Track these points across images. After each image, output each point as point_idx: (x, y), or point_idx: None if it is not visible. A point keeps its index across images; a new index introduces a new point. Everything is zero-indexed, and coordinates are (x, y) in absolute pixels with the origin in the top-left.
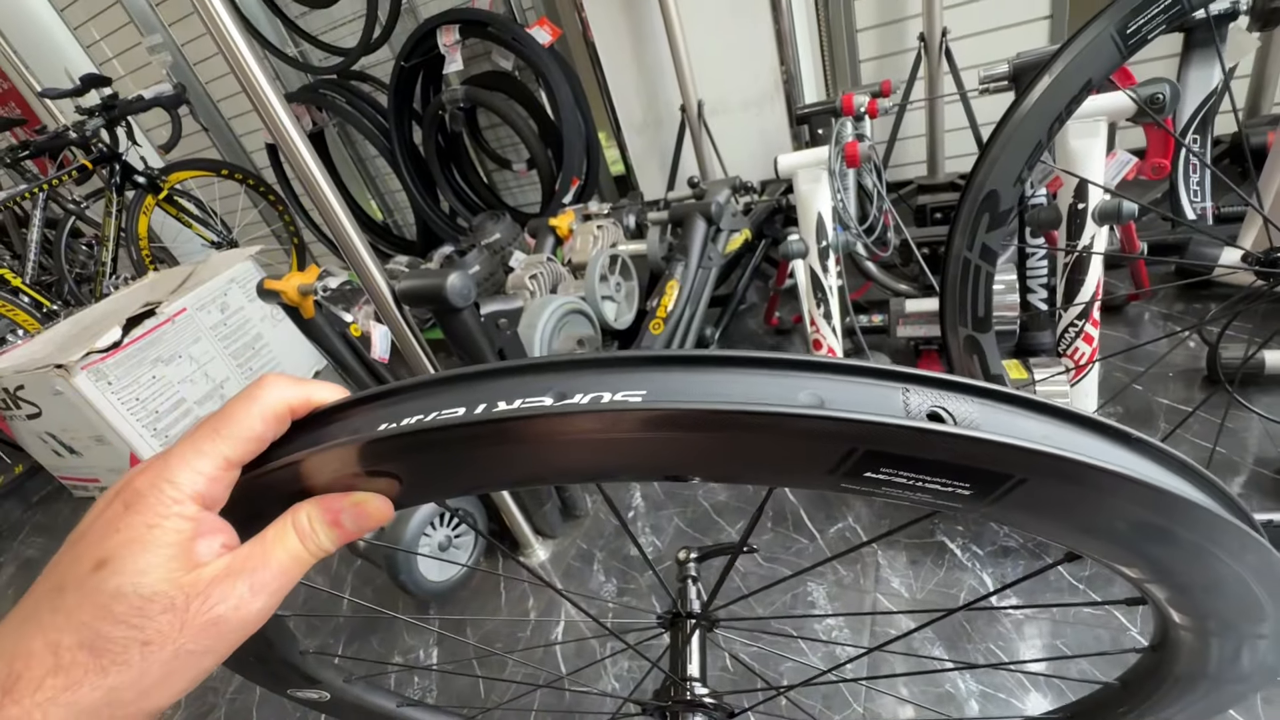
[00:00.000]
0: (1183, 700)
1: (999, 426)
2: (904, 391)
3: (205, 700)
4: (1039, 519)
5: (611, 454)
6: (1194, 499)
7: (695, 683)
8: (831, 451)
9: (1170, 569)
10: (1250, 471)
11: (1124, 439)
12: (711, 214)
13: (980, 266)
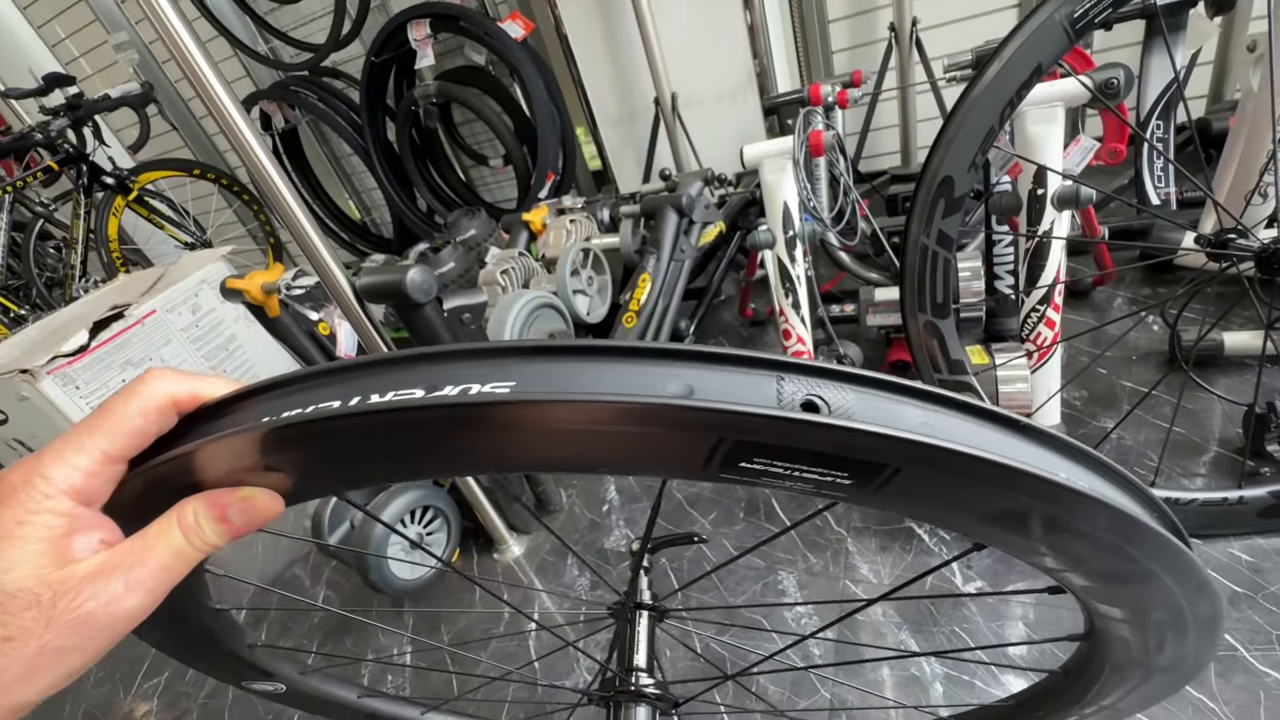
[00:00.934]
0: (1121, 688)
1: (876, 415)
2: (778, 380)
3: (178, 705)
4: (927, 507)
5: (481, 446)
6: (1083, 488)
7: (641, 673)
8: (701, 442)
9: (1075, 558)
10: (1211, 452)
11: (1013, 427)
12: (683, 206)
13: (938, 253)
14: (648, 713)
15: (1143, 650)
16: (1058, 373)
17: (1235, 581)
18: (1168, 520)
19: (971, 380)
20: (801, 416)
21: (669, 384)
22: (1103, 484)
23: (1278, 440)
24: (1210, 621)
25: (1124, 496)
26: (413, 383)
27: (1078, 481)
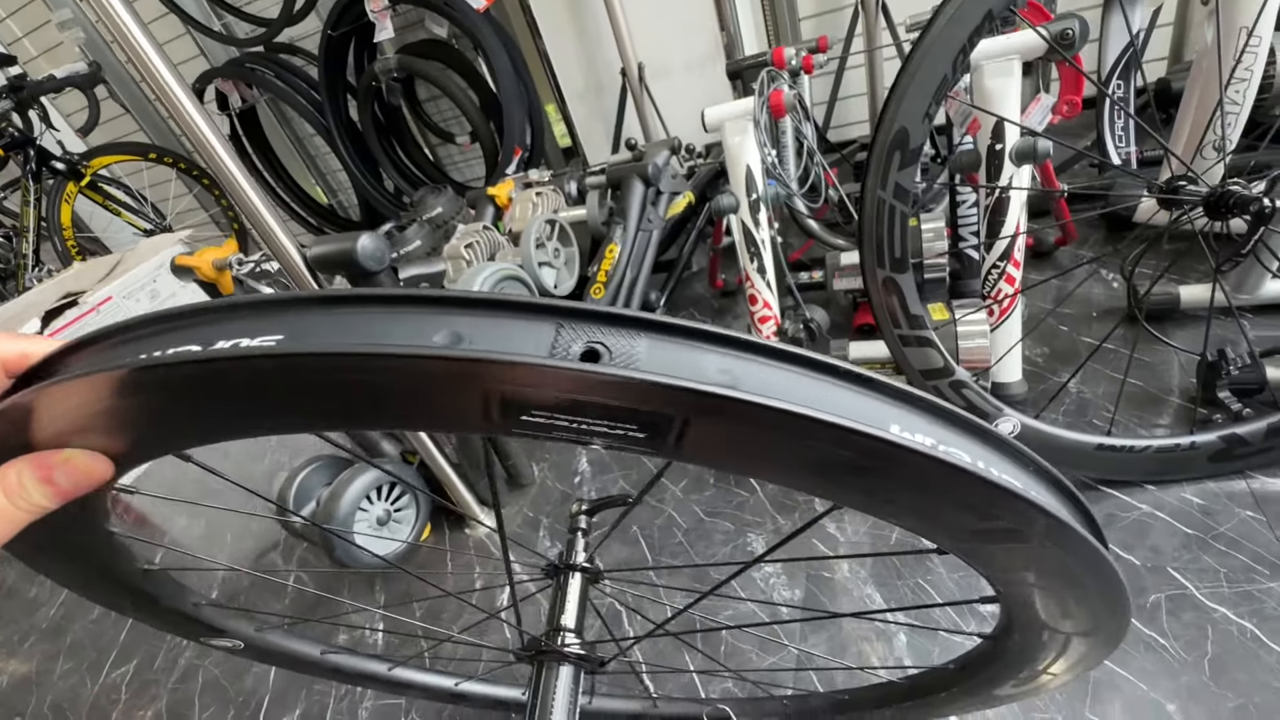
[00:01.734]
0: (1044, 652)
1: (663, 364)
2: (557, 327)
3: (147, 692)
4: (741, 460)
5: (262, 402)
6: (899, 438)
7: (568, 633)
8: (470, 394)
9: (921, 513)
10: (1166, 402)
11: (835, 374)
12: (649, 175)
13: (894, 206)
14: (571, 672)
15: (1048, 611)
16: (1018, 329)
17: (1187, 525)
18: (1032, 465)
19: (931, 335)
20: (565, 365)
21: (438, 333)
22: (952, 434)
23: (1229, 387)
24: (1100, 574)
25: (976, 444)
26: (193, 339)
27: (908, 433)
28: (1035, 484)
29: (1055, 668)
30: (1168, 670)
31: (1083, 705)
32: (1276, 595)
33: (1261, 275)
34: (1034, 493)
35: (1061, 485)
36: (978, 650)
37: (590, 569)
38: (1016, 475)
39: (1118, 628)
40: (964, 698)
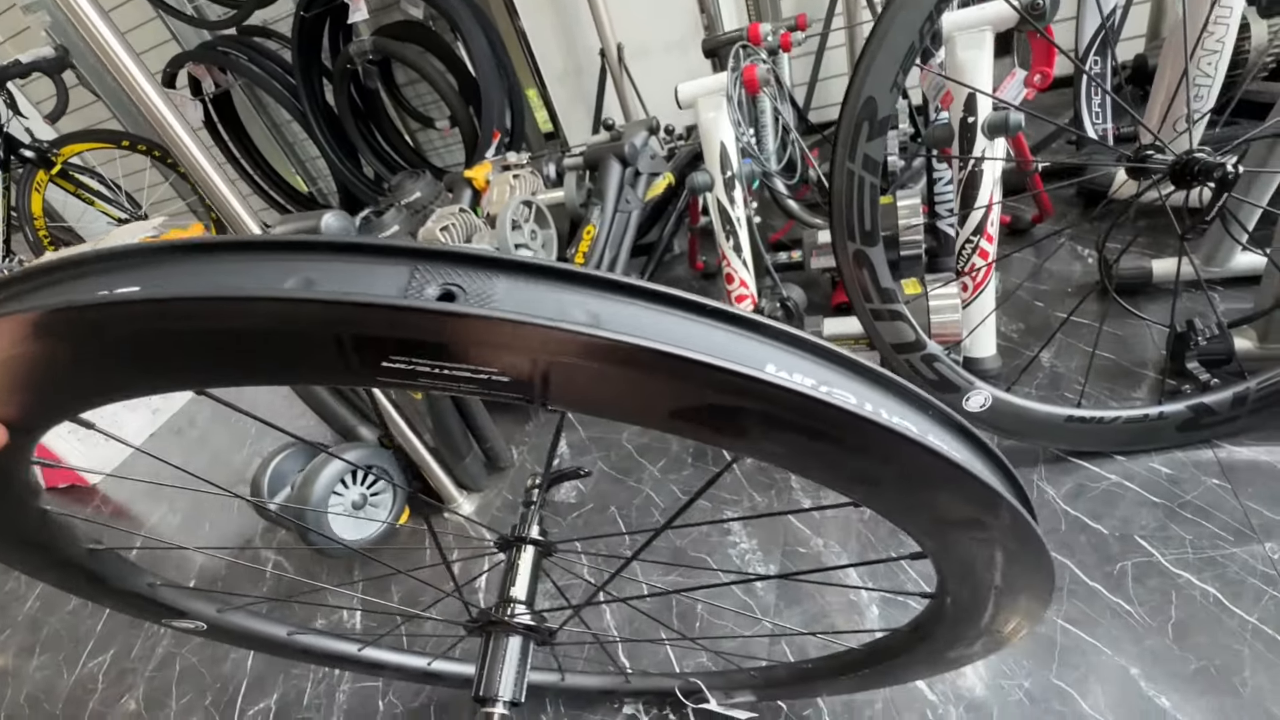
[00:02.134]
0: (982, 608)
1: (521, 304)
2: (413, 269)
3: (124, 681)
4: (615, 405)
5: (132, 355)
6: (770, 376)
7: (518, 605)
8: (323, 338)
9: (815, 462)
10: (1139, 374)
11: (707, 313)
12: (626, 155)
13: (864, 178)
14: (520, 643)
15: (973, 565)
16: (992, 304)
17: (1155, 494)
18: (932, 410)
19: (902, 309)
20: (414, 305)
21: (289, 278)
22: (839, 376)
23: (1198, 358)
24: (1016, 525)
25: (867, 387)
26: (54, 295)
27: (785, 373)
28: (936, 429)
29: (998, 625)
30: (1132, 635)
31: (1048, 671)
32: (1240, 561)
33: (1231, 248)
34: (932, 437)
35: (968, 433)
36: (925, 612)
37: (542, 542)
38: (914, 420)
39: (1043, 580)
40: (921, 662)
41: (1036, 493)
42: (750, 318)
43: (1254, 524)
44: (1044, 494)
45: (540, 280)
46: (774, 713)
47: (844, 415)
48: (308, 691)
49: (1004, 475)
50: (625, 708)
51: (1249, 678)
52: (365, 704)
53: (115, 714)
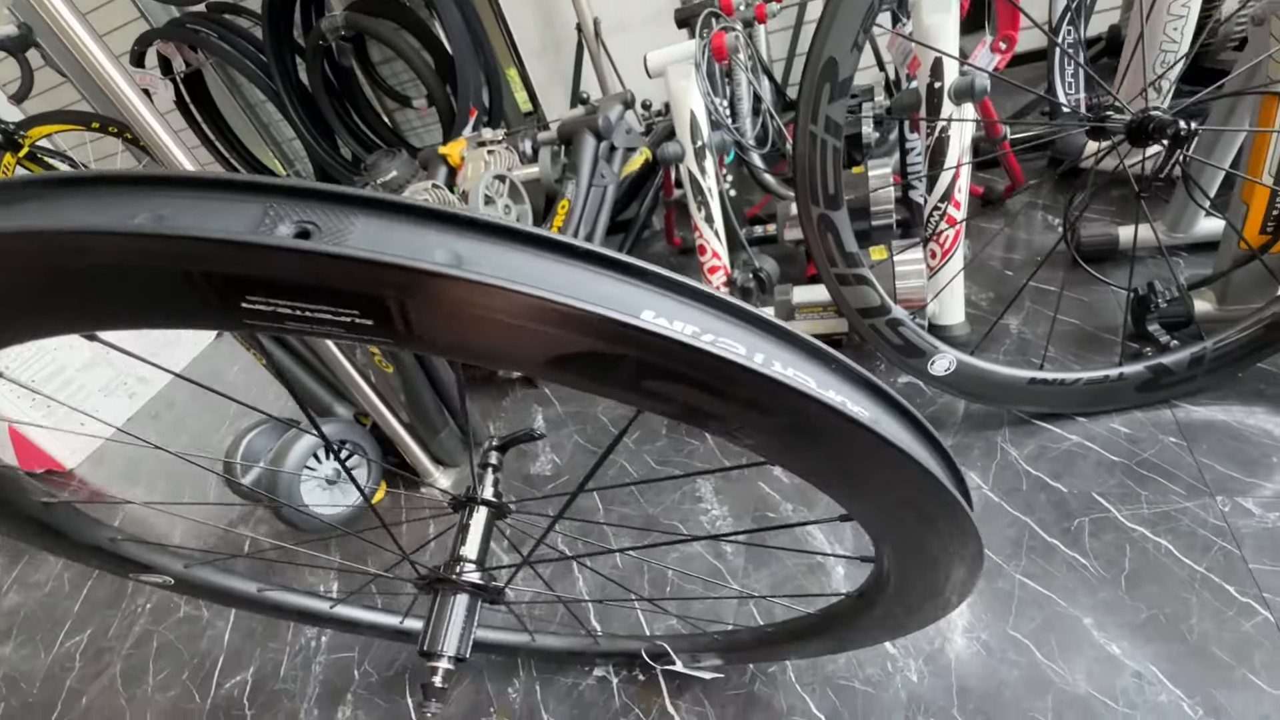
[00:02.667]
0: (922, 571)
1: (380, 242)
2: (267, 206)
3: (101, 659)
4: (482, 349)
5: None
6: (645, 323)
7: (467, 564)
8: (175, 276)
9: (707, 414)
10: (1101, 339)
11: (583, 256)
12: (600, 128)
13: (826, 141)
14: (467, 601)
15: (896, 524)
16: (961, 271)
17: (1114, 453)
18: (834, 363)
19: (867, 273)
20: (263, 240)
21: (140, 214)
22: (726, 325)
23: (1158, 320)
24: (925, 484)
25: (758, 337)
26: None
27: (665, 320)
28: (839, 384)
29: (938, 588)
30: (1087, 587)
31: (1005, 623)
32: (1192, 514)
33: (1194, 214)
34: (832, 393)
35: (878, 389)
36: (869, 577)
37: (493, 503)
38: (813, 374)
39: (967, 541)
40: (875, 626)
41: (1000, 454)
42: (629, 261)
43: (1207, 479)
44: (1007, 455)
45: (401, 219)
46: (740, 670)
47: (730, 366)
48: (284, 664)
49: (919, 434)
50: (596, 669)
51: (1195, 624)
52: (341, 674)
53: (92, 691)
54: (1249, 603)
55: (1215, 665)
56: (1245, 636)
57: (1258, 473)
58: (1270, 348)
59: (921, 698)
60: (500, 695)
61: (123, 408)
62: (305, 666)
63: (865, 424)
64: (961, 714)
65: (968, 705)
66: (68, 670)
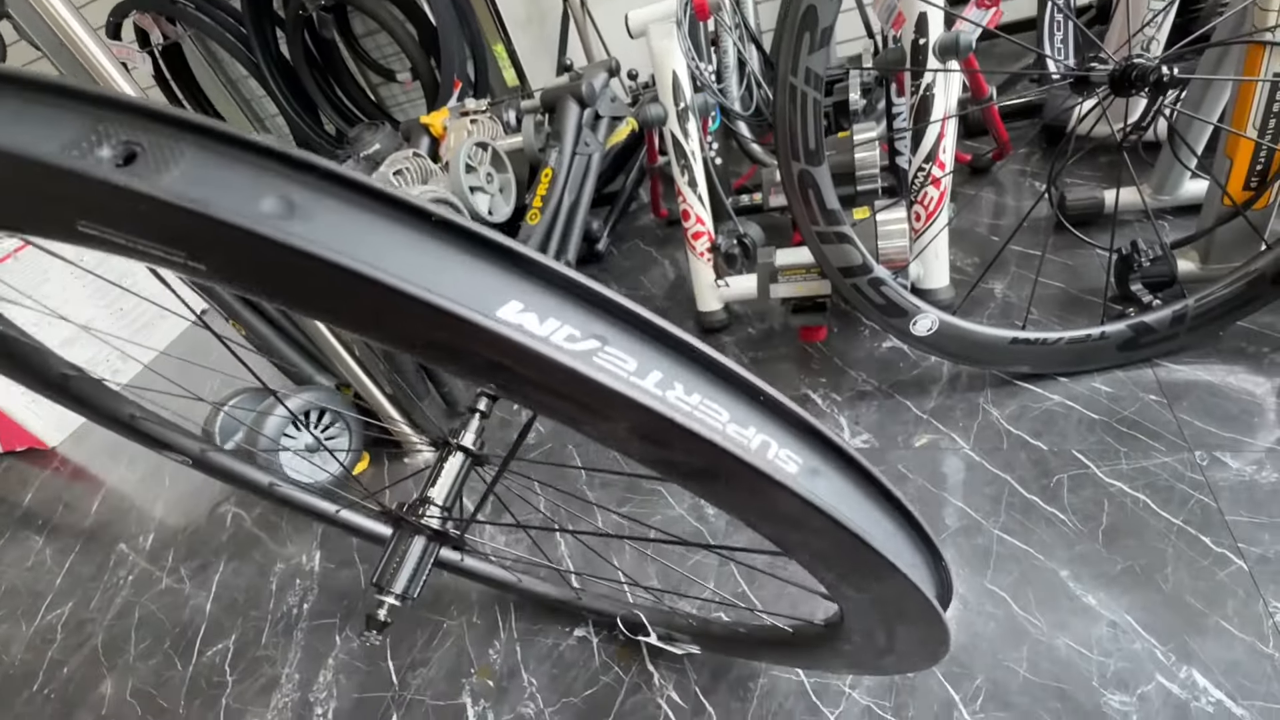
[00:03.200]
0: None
1: (199, 181)
2: (96, 123)
3: (83, 630)
4: (317, 310)
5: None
6: (494, 324)
7: (431, 506)
8: (4, 188)
9: (588, 427)
10: (1086, 302)
11: (445, 227)
12: (583, 95)
13: (806, 93)
14: (424, 543)
15: (825, 563)
16: (945, 233)
17: (1094, 411)
18: (746, 388)
19: (848, 231)
20: (68, 164)
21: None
22: (619, 334)
23: (1141, 280)
24: (838, 539)
25: (650, 350)
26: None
27: (535, 318)
28: (760, 421)
29: (893, 642)
30: (1064, 541)
31: (982, 577)
32: (1170, 469)
33: (1180, 176)
34: (752, 431)
35: (818, 434)
36: (836, 611)
37: (472, 451)
38: (725, 404)
39: (919, 607)
40: (841, 661)
41: (981, 415)
42: (499, 240)
43: (1186, 435)
44: (988, 415)
45: (235, 152)
46: None
47: (603, 389)
48: (265, 631)
49: (878, 501)
50: (577, 630)
51: (1170, 574)
52: (324, 639)
53: (74, 661)
54: (1224, 553)
55: (1189, 613)
56: (1219, 585)
57: (1237, 428)
58: (1252, 304)
59: None
60: (481, 656)
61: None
62: (287, 633)
63: (783, 481)
64: (938, 665)
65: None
66: (49, 641)
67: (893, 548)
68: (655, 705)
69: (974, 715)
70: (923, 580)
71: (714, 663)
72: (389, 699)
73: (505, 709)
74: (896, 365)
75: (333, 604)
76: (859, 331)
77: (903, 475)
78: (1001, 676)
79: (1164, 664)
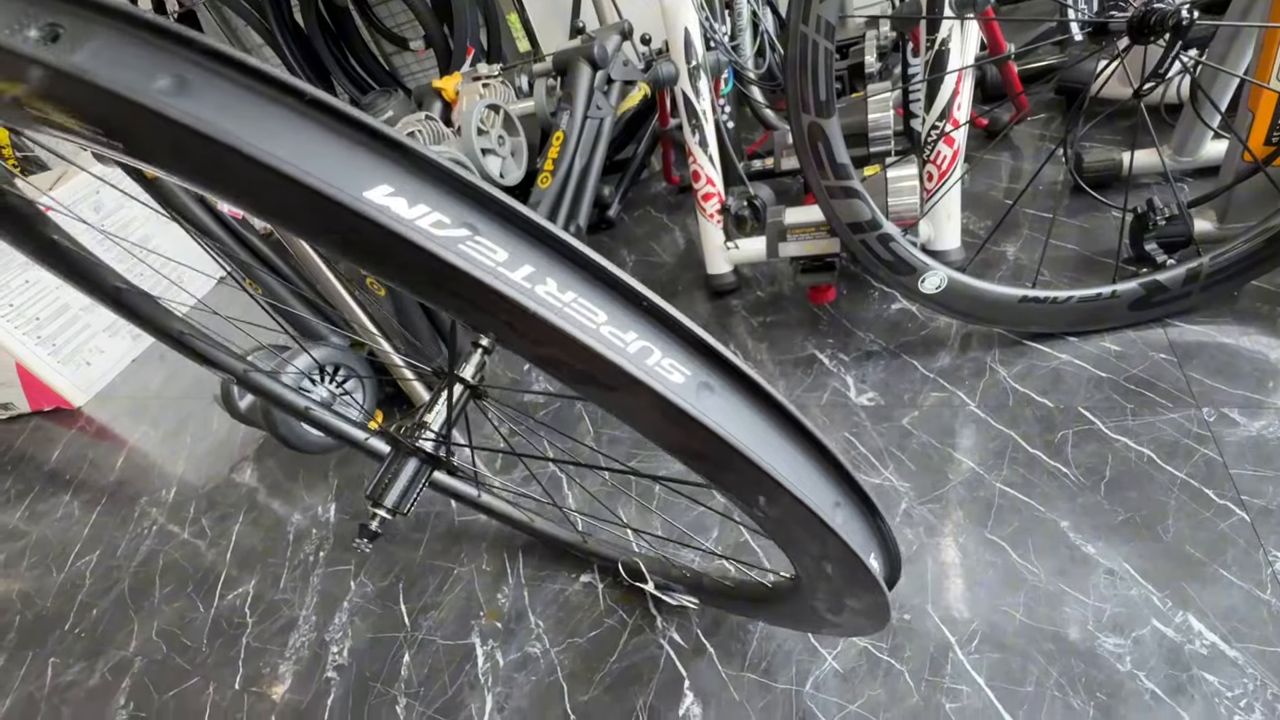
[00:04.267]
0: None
1: (108, 62)
2: (29, 8)
3: (111, 576)
4: (220, 189)
5: None
6: (361, 204)
7: (427, 431)
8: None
9: (465, 316)
10: (1099, 263)
11: (328, 111)
12: (595, 57)
13: (818, 43)
14: (416, 464)
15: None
16: (957, 192)
17: (1103, 369)
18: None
19: (857, 186)
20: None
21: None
22: (490, 225)
23: (1156, 240)
24: (727, 455)
25: (530, 250)
26: None
27: (401, 202)
28: (641, 327)
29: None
30: (1066, 493)
31: (983, 528)
32: (1176, 424)
33: (1201, 136)
34: (632, 336)
35: (703, 345)
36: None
37: (469, 382)
38: (600, 304)
39: (865, 592)
40: (808, 618)
41: (989, 374)
42: (382, 130)
43: (1195, 392)
44: (995, 374)
45: (144, 36)
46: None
47: (467, 277)
48: (284, 577)
49: (771, 416)
50: (583, 576)
51: (1172, 525)
52: (339, 584)
53: (103, 604)
54: (1226, 504)
55: (1188, 562)
56: (1220, 535)
57: (1247, 386)
58: (1269, 262)
59: (897, 596)
60: (490, 600)
61: (126, 348)
62: (304, 579)
63: (660, 390)
64: (935, 609)
65: (942, 601)
66: (79, 587)
67: (797, 476)
68: (657, 645)
69: (969, 656)
70: (847, 520)
71: (715, 608)
72: (401, 638)
73: (513, 648)
74: (904, 326)
75: (347, 553)
76: (868, 294)
77: (907, 432)
78: (998, 620)
79: (1160, 609)
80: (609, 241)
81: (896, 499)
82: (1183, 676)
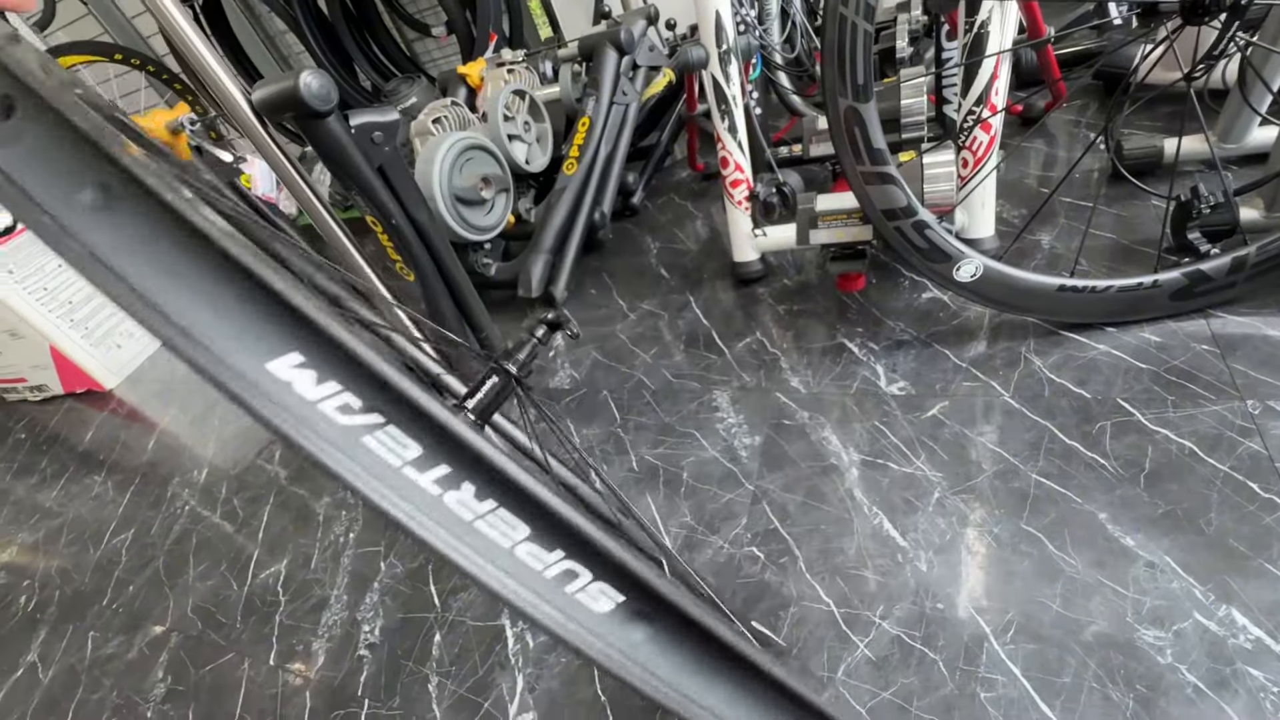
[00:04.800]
0: None
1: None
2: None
3: (145, 554)
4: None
5: None
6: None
7: (468, 411)
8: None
9: None
10: (1139, 253)
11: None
12: (622, 41)
13: (857, 24)
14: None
15: None
16: (993, 180)
17: (1142, 360)
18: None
19: (893, 172)
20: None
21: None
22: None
23: (1199, 228)
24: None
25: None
26: None
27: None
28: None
29: None
30: (1104, 485)
31: (1019, 519)
32: (1219, 417)
33: (1248, 121)
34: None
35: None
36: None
37: (516, 376)
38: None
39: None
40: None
41: (1023, 364)
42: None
43: (1238, 384)
44: (1030, 364)
45: (78, 140)
46: (751, 559)
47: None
48: (315, 557)
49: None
50: None
51: (1214, 518)
52: (369, 564)
53: (139, 581)
54: (1272, 498)
55: (1231, 555)
56: (1265, 529)
57: None
58: None
59: (930, 585)
60: None
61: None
62: (335, 559)
63: (576, 634)
64: (969, 599)
65: (976, 591)
66: (115, 563)
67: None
68: None
69: (1004, 646)
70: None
71: (745, 591)
72: (432, 619)
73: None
74: (936, 315)
75: (376, 535)
76: (898, 283)
77: (939, 421)
78: (1034, 611)
79: (1202, 603)
80: (633, 229)
81: (929, 489)
82: (1226, 671)
